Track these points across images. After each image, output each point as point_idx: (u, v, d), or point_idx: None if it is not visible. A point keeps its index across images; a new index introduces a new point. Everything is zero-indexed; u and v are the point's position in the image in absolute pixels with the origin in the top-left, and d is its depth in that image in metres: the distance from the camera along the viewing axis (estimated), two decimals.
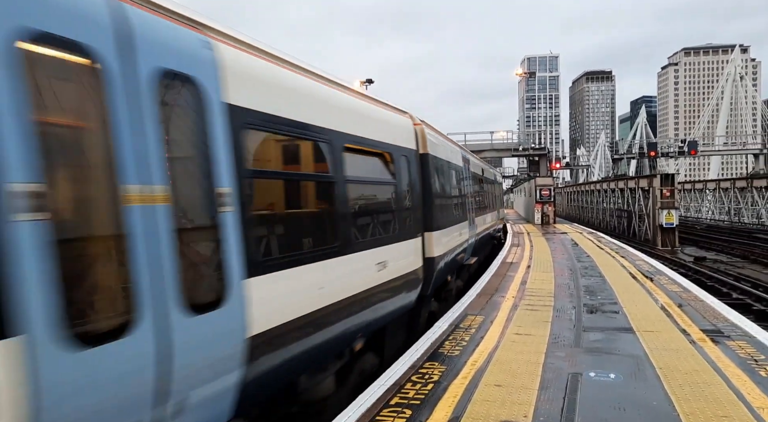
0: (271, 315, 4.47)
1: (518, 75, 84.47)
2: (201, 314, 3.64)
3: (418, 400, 5.20)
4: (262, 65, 4.89)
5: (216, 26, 4.38)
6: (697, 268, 23.42)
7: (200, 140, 3.85)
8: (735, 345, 6.85)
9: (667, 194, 32.16)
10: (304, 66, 5.81)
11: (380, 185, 7.60)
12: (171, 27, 3.78)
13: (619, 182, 43.90)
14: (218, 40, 4.27)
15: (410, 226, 8.39)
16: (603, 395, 5.29)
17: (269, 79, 4.93)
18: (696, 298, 10.13)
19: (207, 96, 3.94)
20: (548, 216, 37.15)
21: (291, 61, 5.54)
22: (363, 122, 6.99)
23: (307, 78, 5.76)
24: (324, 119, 5.72)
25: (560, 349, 6.90)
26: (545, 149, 52.69)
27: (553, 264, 15.68)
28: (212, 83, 4.01)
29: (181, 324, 3.46)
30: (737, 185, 50.19)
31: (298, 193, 5.75)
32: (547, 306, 9.62)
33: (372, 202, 7.41)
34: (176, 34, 3.81)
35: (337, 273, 5.68)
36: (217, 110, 4.02)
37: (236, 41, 4.57)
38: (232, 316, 3.97)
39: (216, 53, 4.15)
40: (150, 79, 3.42)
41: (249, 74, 4.59)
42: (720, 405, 4.96)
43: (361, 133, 6.75)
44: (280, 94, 5.03)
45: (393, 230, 7.70)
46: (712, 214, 57.60)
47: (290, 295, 4.85)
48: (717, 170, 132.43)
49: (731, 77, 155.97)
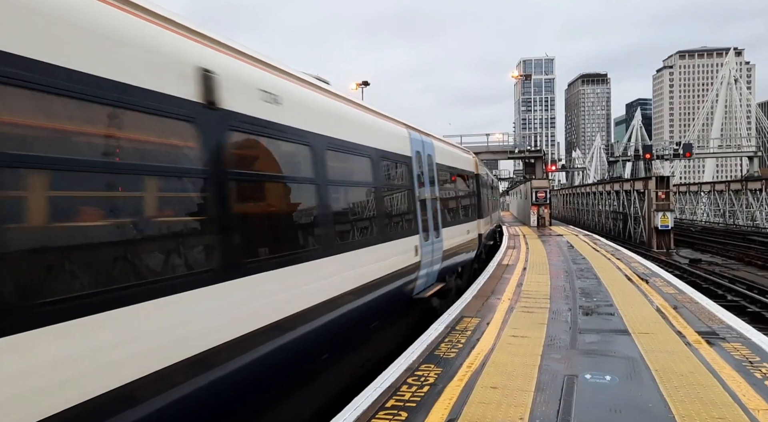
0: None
1: (514, 77, 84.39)
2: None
3: (414, 403, 5.19)
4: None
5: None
6: (693, 270, 23.50)
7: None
8: (730, 347, 6.86)
9: (662, 196, 32.29)
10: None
11: (464, 197, 14.95)
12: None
13: (615, 185, 44.03)
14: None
15: (473, 213, 15.82)
16: (599, 397, 5.29)
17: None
18: (691, 300, 10.15)
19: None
20: (544, 218, 37.21)
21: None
22: (452, 158, 13.73)
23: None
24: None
25: (556, 351, 6.89)
26: (541, 151, 52.74)
27: (548, 266, 15.69)
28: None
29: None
30: (732, 188, 50.42)
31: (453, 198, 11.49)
32: (543, 308, 9.62)
33: (464, 201, 14.86)
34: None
35: (457, 232, 12.96)
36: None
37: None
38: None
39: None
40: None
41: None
42: (715, 406, 4.97)
43: (458, 165, 14.30)
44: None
45: (471, 214, 15.33)
46: (707, 216, 57.83)
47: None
48: (712, 173, 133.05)
49: (726, 80, 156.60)
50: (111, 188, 3.49)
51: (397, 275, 8.33)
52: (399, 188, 9.25)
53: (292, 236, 5.64)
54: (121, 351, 3.30)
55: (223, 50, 4.65)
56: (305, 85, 6.14)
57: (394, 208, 8.77)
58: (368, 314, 7.24)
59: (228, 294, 4.25)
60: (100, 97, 3.29)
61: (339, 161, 6.60)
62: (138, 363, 3.40)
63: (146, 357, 3.47)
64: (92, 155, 3.36)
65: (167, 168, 3.91)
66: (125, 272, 3.48)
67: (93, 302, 3.15)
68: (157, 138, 3.91)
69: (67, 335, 2.98)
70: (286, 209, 5.62)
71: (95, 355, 3.13)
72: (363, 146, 7.49)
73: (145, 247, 3.69)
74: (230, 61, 4.65)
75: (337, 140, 6.48)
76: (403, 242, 8.58)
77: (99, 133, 3.40)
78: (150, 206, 3.88)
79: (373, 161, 7.87)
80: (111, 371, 3.22)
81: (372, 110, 8.72)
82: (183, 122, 4.00)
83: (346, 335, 6.63)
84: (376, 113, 8.88)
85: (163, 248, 3.87)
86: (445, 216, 12.21)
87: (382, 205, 8.05)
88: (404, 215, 9.15)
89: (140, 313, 3.45)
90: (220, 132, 4.35)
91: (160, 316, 3.60)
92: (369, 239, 7.34)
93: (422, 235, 9.86)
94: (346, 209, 6.94)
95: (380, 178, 8.11)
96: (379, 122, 8.72)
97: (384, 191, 8.25)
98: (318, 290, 5.71)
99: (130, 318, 3.37)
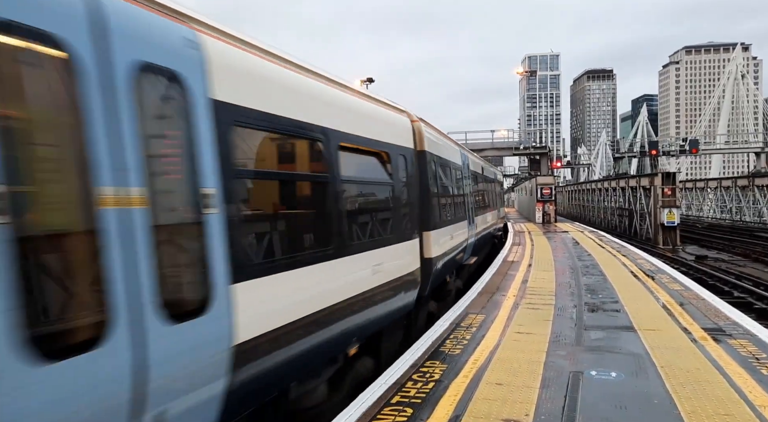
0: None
1: (519, 73, 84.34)
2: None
3: (420, 399, 5.20)
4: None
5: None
6: (699, 267, 23.40)
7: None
8: (736, 344, 6.84)
9: (668, 192, 32.13)
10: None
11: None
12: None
13: (621, 181, 43.87)
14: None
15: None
16: (604, 393, 5.29)
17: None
18: (697, 297, 10.12)
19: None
20: (549, 215, 37.09)
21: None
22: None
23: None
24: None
25: (561, 348, 6.89)
26: (546, 147, 52.67)
27: (554, 263, 15.67)
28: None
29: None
30: (739, 184, 50.11)
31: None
32: (548, 305, 9.61)
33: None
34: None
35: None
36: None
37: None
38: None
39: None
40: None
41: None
42: (721, 403, 4.96)
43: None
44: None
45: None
46: (713, 213, 57.54)
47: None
48: (718, 169, 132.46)
49: (733, 76, 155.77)
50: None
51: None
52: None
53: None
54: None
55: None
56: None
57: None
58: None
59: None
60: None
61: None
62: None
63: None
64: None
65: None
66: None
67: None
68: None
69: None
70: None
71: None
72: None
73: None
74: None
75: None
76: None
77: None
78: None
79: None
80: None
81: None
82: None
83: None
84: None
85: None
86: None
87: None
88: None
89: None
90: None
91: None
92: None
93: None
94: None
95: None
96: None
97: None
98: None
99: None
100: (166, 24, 3.71)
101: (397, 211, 7.98)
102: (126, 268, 3.12)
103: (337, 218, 5.87)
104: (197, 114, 3.82)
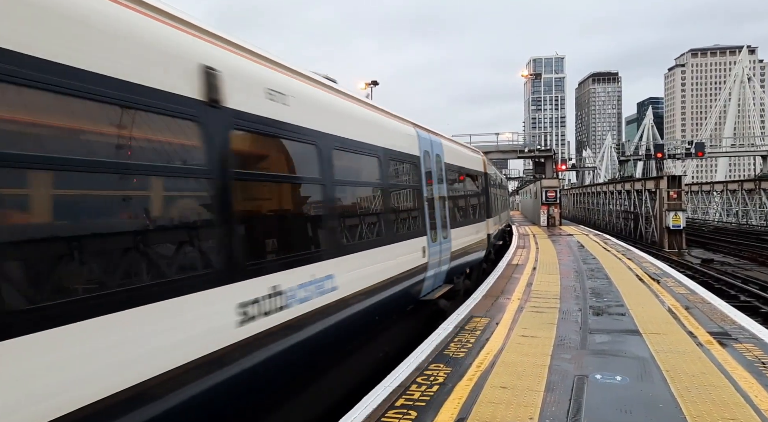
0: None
1: (524, 76, 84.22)
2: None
3: (423, 402, 5.20)
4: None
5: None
6: (705, 270, 23.29)
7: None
8: (742, 348, 6.81)
9: (673, 195, 32.02)
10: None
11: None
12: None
13: (626, 184, 43.73)
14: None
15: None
16: (609, 397, 5.27)
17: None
18: (703, 300, 10.08)
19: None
20: (554, 218, 37.02)
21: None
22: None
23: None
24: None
25: (566, 351, 6.87)
26: (551, 150, 52.56)
27: (558, 266, 15.63)
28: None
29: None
30: (745, 187, 49.90)
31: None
32: (552, 308, 9.59)
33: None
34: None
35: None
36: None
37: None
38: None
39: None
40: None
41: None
42: (727, 407, 4.93)
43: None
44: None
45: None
46: (719, 216, 57.29)
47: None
48: (724, 172, 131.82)
49: (739, 78, 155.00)
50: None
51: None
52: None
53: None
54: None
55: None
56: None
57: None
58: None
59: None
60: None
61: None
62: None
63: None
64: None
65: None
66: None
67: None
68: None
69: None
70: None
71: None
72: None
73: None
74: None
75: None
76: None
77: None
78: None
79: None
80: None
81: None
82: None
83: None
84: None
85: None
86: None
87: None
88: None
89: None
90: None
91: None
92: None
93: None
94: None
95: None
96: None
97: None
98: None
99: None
100: (429, 135, 10.68)
101: (477, 205, 15.50)
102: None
103: (464, 208, 13.64)
104: (443, 165, 11.49)
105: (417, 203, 9.69)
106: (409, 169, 9.51)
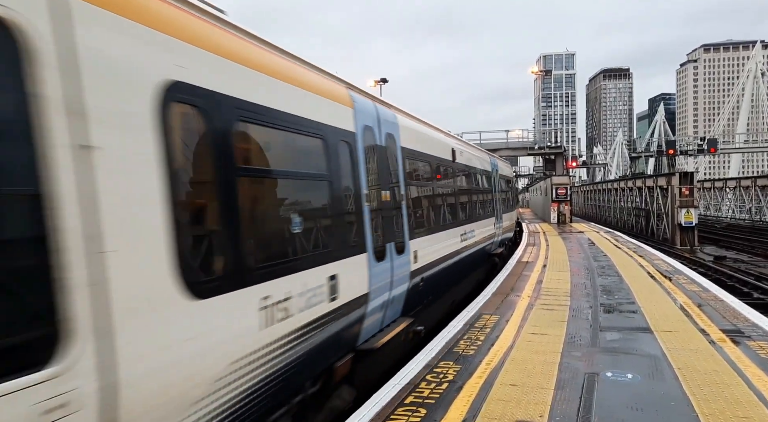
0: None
1: (534, 73, 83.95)
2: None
3: (433, 399, 5.20)
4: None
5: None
6: (717, 267, 23.05)
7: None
8: (756, 346, 6.74)
9: (686, 192, 31.69)
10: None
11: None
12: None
13: (637, 181, 43.37)
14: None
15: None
16: (620, 395, 5.24)
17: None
18: (716, 298, 9.98)
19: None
20: (565, 215, 36.78)
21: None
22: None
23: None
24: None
25: (576, 349, 6.84)
26: (561, 147, 52.33)
27: (569, 264, 15.55)
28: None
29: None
30: (758, 184, 49.28)
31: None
32: (563, 306, 9.55)
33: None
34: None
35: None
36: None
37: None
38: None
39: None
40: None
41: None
42: (740, 405, 4.89)
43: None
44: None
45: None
46: (732, 213, 56.66)
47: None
48: (737, 168, 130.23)
49: (752, 74, 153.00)
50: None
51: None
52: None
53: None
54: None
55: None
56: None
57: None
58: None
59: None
60: None
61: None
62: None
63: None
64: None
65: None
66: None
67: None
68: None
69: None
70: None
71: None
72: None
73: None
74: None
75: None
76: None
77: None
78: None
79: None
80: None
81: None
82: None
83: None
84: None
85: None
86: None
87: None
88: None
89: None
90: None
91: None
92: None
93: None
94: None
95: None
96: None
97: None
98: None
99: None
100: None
101: (511, 200, 23.26)
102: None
103: (505, 201, 20.93)
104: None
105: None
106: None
